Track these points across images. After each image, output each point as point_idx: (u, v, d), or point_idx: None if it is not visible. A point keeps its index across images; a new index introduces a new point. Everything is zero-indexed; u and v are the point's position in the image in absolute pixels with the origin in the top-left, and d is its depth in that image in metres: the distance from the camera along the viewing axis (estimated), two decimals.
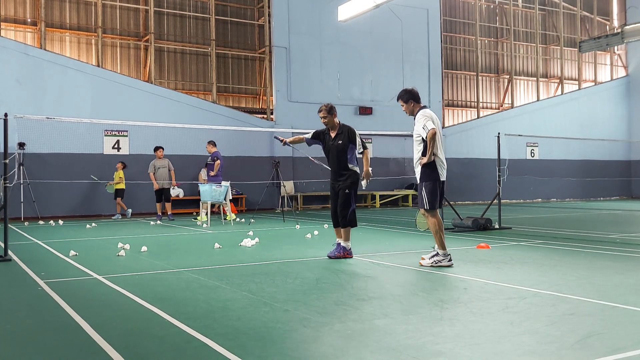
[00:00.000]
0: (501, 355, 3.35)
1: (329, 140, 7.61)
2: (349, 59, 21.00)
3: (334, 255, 7.40)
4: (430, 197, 6.67)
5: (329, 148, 7.62)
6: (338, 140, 7.52)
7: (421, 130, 6.66)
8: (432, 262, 6.63)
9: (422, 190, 6.72)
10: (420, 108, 6.86)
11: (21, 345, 3.71)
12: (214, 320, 4.22)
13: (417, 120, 6.76)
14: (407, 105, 6.92)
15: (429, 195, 6.67)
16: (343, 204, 7.42)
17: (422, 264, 6.70)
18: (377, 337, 3.73)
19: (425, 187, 6.69)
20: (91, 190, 16.36)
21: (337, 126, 7.62)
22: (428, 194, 6.67)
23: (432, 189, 6.68)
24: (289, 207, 17.89)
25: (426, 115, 6.72)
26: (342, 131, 7.56)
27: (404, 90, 7.01)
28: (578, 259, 7.22)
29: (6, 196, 7.85)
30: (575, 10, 27.20)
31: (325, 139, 7.68)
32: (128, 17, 18.58)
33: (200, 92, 19.52)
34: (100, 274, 6.30)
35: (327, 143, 7.64)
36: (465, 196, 22.70)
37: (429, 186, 6.68)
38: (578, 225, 12.53)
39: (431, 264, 6.62)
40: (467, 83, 24.95)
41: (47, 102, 16.04)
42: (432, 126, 6.61)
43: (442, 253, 6.65)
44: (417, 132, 6.77)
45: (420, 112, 6.79)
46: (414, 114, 6.89)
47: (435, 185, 6.70)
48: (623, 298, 4.84)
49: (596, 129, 26.06)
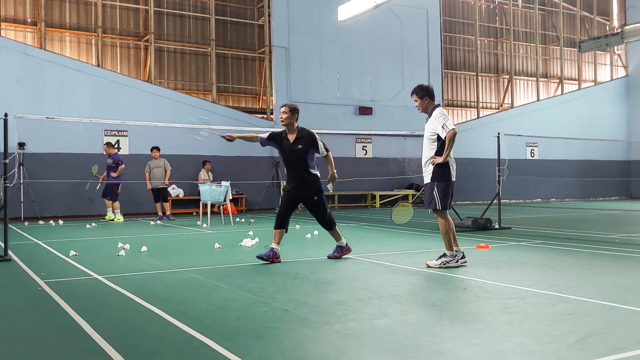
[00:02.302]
0: (500, 355, 3.36)
1: (287, 144, 7.27)
2: (349, 59, 21.00)
3: (333, 255, 7.44)
4: (442, 197, 6.55)
5: (287, 152, 7.28)
6: (298, 144, 7.22)
7: (440, 129, 6.50)
8: (440, 264, 6.53)
9: (434, 190, 6.57)
10: (435, 106, 6.71)
11: (21, 345, 3.72)
12: (213, 320, 4.23)
13: (435, 118, 6.59)
14: (422, 101, 6.74)
15: (442, 196, 6.55)
16: (319, 211, 7.35)
17: (429, 265, 6.60)
18: (376, 337, 3.73)
19: (437, 187, 6.56)
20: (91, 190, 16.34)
21: (296, 130, 7.28)
22: (440, 194, 6.55)
23: (444, 188, 6.56)
24: None
25: (445, 115, 6.60)
26: (302, 135, 7.26)
27: (419, 85, 6.83)
28: (578, 259, 7.22)
29: (6, 196, 7.85)
30: (575, 10, 27.20)
31: (283, 142, 7.30)
32: (128, 17, 18.58)
33: (200, 92, 19.52)
34: (100, 274, 6.30)
35: (284, 146, 7.29)
36: (465, 196, 22.70)
37: (441, 186, 6.56)
38: (578, 225, 12.54)
39: (439, 265, 6.52)
40: (467, 83, 24.96)
41: (47, 102, 16.04)
42: (452, 126, 6.49)
43: (450, 254, 6.56)
44: (432, 130, 6.61)
45: (438, 111, 6.63)
46: (428, 111, 6.76)
47: (448, 185, 6.59)
48: (622, 298, 4.84)
49: (596, 129, 26.06)
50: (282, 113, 7.27)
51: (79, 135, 15.96)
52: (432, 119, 6.66)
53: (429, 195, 6.65)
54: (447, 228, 6.60)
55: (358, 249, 8.25)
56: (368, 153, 21.19)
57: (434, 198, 6.58)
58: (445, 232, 6.60)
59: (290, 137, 7.28)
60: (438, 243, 9.03)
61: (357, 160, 20.93)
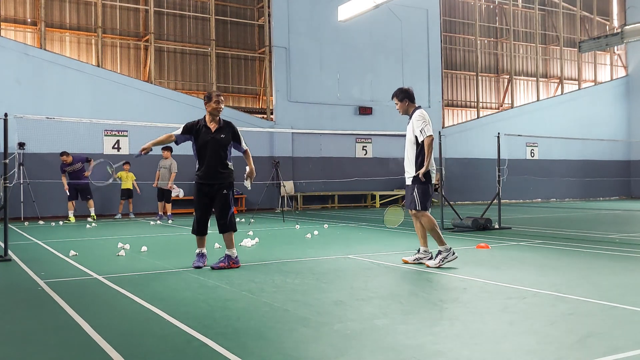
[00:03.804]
0: (501, 355, 3.36)
1: (208, 134, 6.73)
2: (349, 59, 21.00)
3: (217, 266, 6.60)
4: (422, 199, 6.71)
5: (205, 142, 6.71)
6: (221, 134, 6.74)
7: (418, 132, 6.67)
8: (439, 262, 6.58)
9: (414, 192, 6.73)
10: (416, 108, 6.87)
11: (21, 345, 3.72)
12: (214, 320, 4.23)
13: (415, 121, 6.75)
14: (402, 104, 6.92)
15: (422, 197, 6.71)
16: (222, 206, 6.70)
17: (429, 266, 6.62)
18: (376, 337, 3.73)
19: (418, 189, 6.71)
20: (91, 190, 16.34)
21: (219, 120, 6.85)
22: (421, 196, 6.71)
23: (424, 190, 6.73)
24: (289, 207, 17.90)
25: (425, 119, 6.72)
26: (225, 126, 6.84)
27: (399, 89, 7.01)
28: (578, 259, 7.22)
29: (6, 196, 7.85)
30: (575, 10, 27.20)
31: (201, 131, 6.75)
32: (128, 17, 18.59)
33: (200, 92, 19.51)
34: (100, 274, 6.30)
35: (202, 136, 6.72)
36: (465, 196, 22.70)
37: (421, 188, 6.71)
38: (578, 225, 12.54)
39: (439, 264, 6.57)
40: (467, 83, 24.95)
41: (47, 102, 16.04)
42: (430, 132, 6.65)
43: (445, 249, 6.63)
44: (412, 133, 6.77)
45: (418, 113, 6.77)
46: (408, 113, 6.91)
47: (428, 187, 6.77)
48: (623, 298, 4.84)
49: (596, 129, 26.05)
50: (216, 104, 6.73)
51: (79, 136, 15.96)
52: (412, 121, 6.82)
53: (409, 196, 6.83)
54: (432, 224, 6.70)
55: (358, 249, 8.25)
56: (368, 153, 21.18)
57: (414, 199, 6.73)
58: (432, 229, 6.71)
59: (212, 126, 6.78)
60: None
61: (357, 160, 20.93)
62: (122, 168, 15.49)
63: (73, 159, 14.69)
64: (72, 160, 14.69)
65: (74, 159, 14.71)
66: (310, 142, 19.87)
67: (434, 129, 7.35)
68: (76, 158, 14.85)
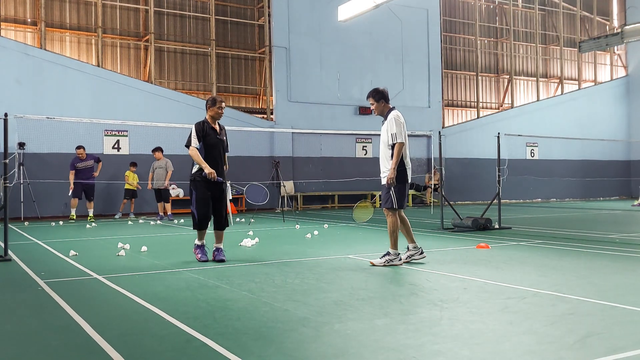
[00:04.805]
0: (501, 355, 3.36)
1: (215, 136, 7.23)
2: (349, 59, 21.00)
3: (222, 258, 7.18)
4: (399, 198, 6.84)
5: (214, 143, 7.21)
6: (223, 136, 7.35)
7: (389, 136, 6.79)
8: (384, 262, 6.76)
9: (390, 191, 6.83)
10: (390, 109, 6.96)
11: (21, 345, 3.72)
12: (214, 320, 4.23)
13: (389, 122, 6.85)
14: (378, 104, 7.00)
15: (398, 196, 6.83)
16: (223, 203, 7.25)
17: (373, 264, 6.78)
18: (377, 337, 3.73)
19: (394, 188, 6.82)
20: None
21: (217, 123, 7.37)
22: (397, 195, 6.83)
23: (401, 189, 6.87)
24: (289, 207, 17.90)
25: (399, 122, 6.81)
26: (222, 129, 7.42)
27: (375, 89, 7.08)
28: (578, 259, 7.22)
29: (6, 196, 7.85)
30: (575, 10, 27.20)
31: (209, 132, 7.20)
32: (128, 17, 18.59)
33: (200, 92, 19.52)
34: (100, 274, 6.30)
35: (211, 138, 7.18)
36: (465, 196, 22.70)
37: (398, 187, 6.84)
38: (578, 225, 12.54)
39: (383, 264, 6.74)
40: (467, 83, 24.95)
41: (47, 102, 16.04)
42: (401, 139, 6.75)
43: (394, 252, 6.81)
44: (387, 134, 6.86)
45: (393, 116, 6.86)
46: (383, 114, 7.00)
47: (404, 186, 6.92)
48: (622, 298, 4.84)
49: (596, 129, 26.05)
50: (219, 109, 7.23)
51: (79, 136, 15.95)
52: (387, 122, 6.92)
53: (385, 195, 6.92)
54: (394, 227, 6.85)
55: (358, 249, 8.25)
56: (368, 153, 21.18)
57: (391, 198, 6.84)
58: (392, 231, 6.85)
59: (215, 127, 7.30)
60: (437, 243, 9.04)
61: (357, 160, 20.92)
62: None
63: (87, 156, 14.81)
64: (86, 157, 14.79)
65: (87, 157, 14.84)
66: (311, 142, 19.87)
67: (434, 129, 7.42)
68: (89, 156, 14.98)
